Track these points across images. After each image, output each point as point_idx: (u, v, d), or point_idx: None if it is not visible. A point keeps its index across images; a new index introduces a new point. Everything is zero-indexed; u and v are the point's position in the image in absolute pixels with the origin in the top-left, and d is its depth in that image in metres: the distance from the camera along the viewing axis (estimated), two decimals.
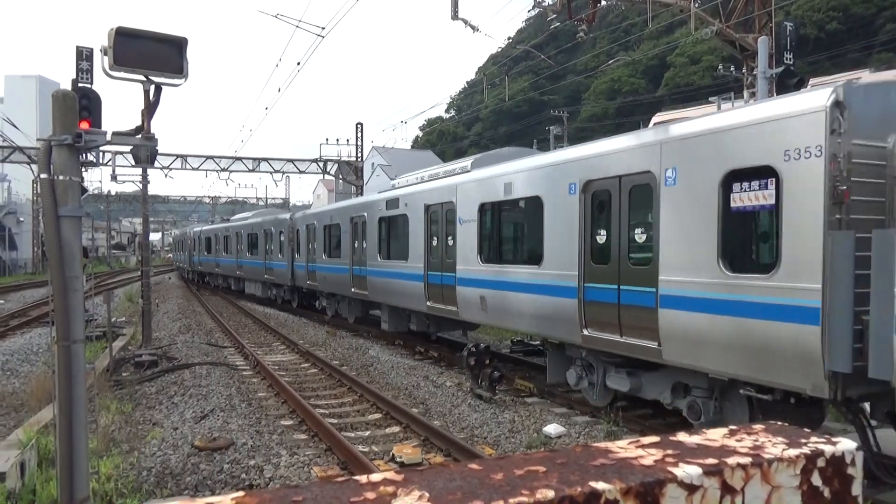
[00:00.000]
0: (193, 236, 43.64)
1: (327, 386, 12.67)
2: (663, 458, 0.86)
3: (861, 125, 5.98)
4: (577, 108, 66.74)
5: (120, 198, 70.64)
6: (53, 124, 4.26)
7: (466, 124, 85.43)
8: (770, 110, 6.50)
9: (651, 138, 7.88)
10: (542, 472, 0.78)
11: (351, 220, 18.32)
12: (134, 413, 10.40)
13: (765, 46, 16.35)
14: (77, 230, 4.19)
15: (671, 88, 57.70)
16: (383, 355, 15.57)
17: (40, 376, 11.92)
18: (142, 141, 4.55)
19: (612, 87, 65.52)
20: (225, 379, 12.91)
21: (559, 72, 57.96)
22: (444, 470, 0.80)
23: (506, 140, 73.81)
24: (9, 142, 34.44)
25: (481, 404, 10.64)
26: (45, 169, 4.17)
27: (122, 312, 24.32)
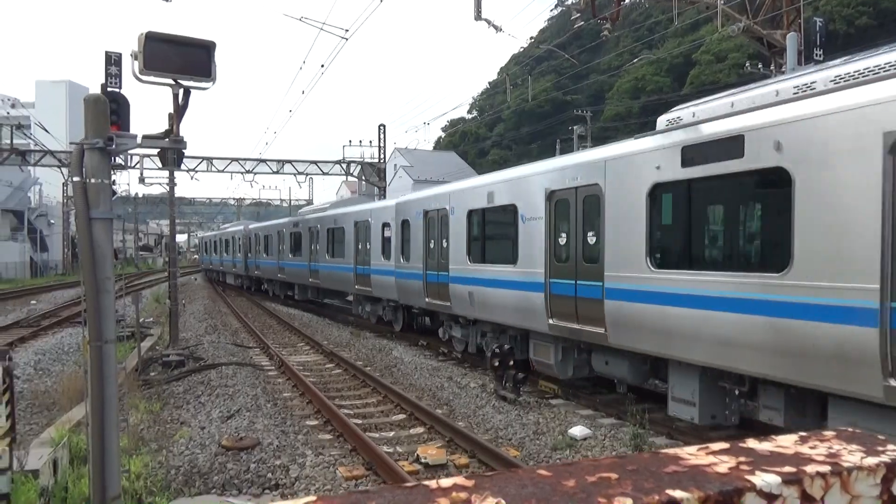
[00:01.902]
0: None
1: (351, 386, 12.73)
2: (738, 466, 0.84)
3: None
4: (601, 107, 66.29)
5: (147, 200, 71.69)
6: (85, 128, 4.33)
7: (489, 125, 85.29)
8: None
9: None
10: (614, 480, 0.76)
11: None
12: (162, 412, 10.55)
13: (793, 43, 16.08)
14: (108, 232, 4.26)
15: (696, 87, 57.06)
16: (407, 356, 15.60)
17: (71, 375, 12.15)
18: (171, 144, 4.61)
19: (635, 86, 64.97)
20: (251, 379, 13.04)
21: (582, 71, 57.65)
22: (513, 476, 0.79)
23: (528, 140, 73.57)
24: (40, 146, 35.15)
25: (505, 406, 10.61)
26: (77, 172, 4.25)
27: (149, 313, 24.70)
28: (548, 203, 10.66)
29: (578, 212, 9.97)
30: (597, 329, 9.41)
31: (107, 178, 4.29)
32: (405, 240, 16.63)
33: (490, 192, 12.51)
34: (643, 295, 8.50)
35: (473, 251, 13.24)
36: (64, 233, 61.91)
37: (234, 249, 41.52)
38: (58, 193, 62.26)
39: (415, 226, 15.83)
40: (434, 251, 14.91)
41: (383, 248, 18.79)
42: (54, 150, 36.04)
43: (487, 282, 12.52)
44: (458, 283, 13.63)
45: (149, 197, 71.92)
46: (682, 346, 7.82)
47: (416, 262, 15.82)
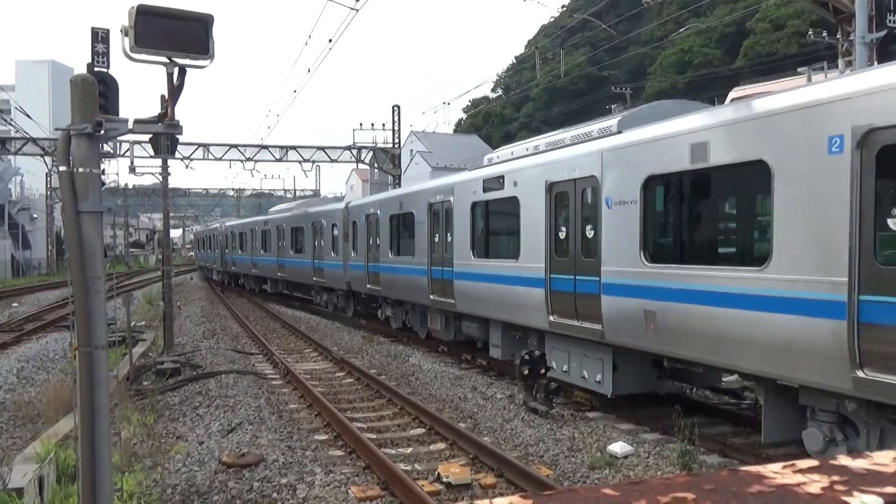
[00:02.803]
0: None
1: (364, 397, 12.80)
2: (831, 486, 0.83)
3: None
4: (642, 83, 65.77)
5: (137, 191, 72.51)
6: (72, 112, 4.39)
7: (515, 105, 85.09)
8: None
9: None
10: (691, 500, 0.75)
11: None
12: (156, 425, 10.70)
13: (863, 7, 15.81)
14: (98, 227, 4.32)
15: (751, 59, 56.37)
16: (426, 363, 15.65)
17: (57, 385, 12.36)
18: (165, 128, 4.67)
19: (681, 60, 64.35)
20: (253, 389, 13.17)
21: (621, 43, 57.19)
22: (574, 496, 0.78)
23: (560, 122, 73.23)
24: (21, 132, 35.68)
25: (536, 419, 10.60)
26: (63, 161, 4.31)
27: (141, 316, 25.03)
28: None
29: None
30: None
31: (96, 167, 4.35)
32: (355, 237, 22.14)
33: (401, 202, 18.47)
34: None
35: (393, 247, 19.17)
36: (48, 228, 62.81)
37: (213, 246, 49.33)
38: (41, 185, 63.12)
39: (360, 226, 21.57)
40: (373, 246, 20.50)
41: (333, 244, 24.20)
42: (36, 138, 36.59)
43: (399, 269, 18.45)
44: (385, 272, 19.44)
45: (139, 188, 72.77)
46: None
47: (361, 257, 21.35)
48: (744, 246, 8.58)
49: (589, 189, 10.53)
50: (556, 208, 11.39)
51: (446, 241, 15.44)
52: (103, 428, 4.31)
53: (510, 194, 12.61)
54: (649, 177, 9.18)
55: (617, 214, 9.73)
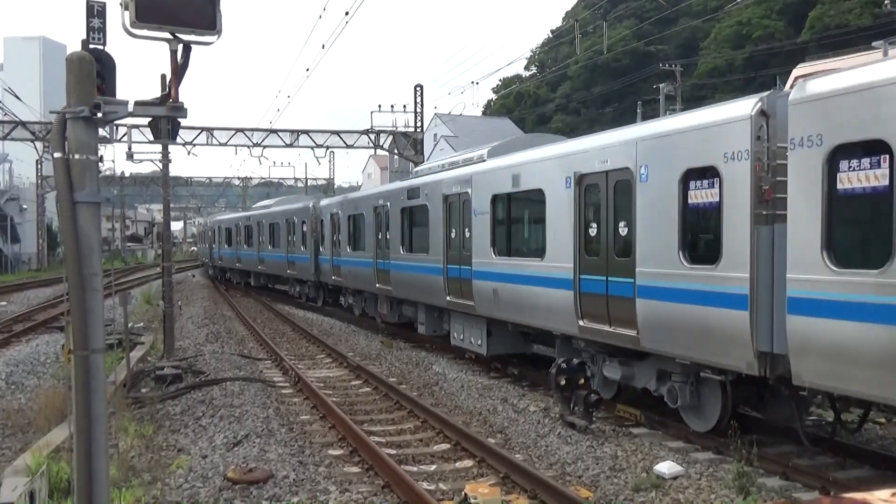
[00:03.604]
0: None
1: (383, 408, 12.86)
2: None
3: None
4: (694, 59, 65.09)
5: (135, 180, 73.37)
6: (68, 93, 4.46)
7: (551, 84, 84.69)
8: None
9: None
10: None
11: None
12: (156, 437, 10.84)
13: None
14: (96, 218, 4.39)
15: (818, 32, 55.52)
16: (451, 372, 15.68)
17: (49, 391, 12.57)
18: (169, 111, 4.71)
19: (738, 33, 63.51)
20: (261, 398, 13.29)
21: (670, 15, 56.65)
22: None
23: (601, 103, 72.83)
24: (10, 115, 36.16)
25: (574, 434, 10.58)
26: (58, 147, 4.38)
27: (139, 317, 25.36)
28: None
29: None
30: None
31: (93, 153, 4.42)
32: (322, 234, 27.56)
33: (356, 204, 24.30)
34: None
35: (350, 243, 24.11)
36: (39, 220, 63.74)
37: (205, 240, 56.25)
38: (31, 173, 64.04)
39: (326, 223, 26.92)
40: (336, 241, 25.63)
41: (303, 240, 29.87)
42: (27, 121, 37.13)
43: (355, 262, 23.47)
44: (346, 265, 24.49)
45: (137, 176, 73.65)
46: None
47: (327, 251, 26.55)
48: (536, 243, 13.32)
49: (466, 201, 15.75)
50: (448, 214, 16.70)
51: (386, 238, 20.50)
52: (100, 439, 4.38)
53: (423, 202, 18.01)
54: (494, 196, 14.54)
55: (480, 220, 15.08)
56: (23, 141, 38.84)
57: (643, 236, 10.24)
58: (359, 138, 40.52)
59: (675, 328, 9.71)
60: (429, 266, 17.40)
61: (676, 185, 9.61)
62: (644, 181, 10.21)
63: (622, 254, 10.76)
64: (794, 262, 7.99)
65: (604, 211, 11.19)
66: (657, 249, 9.97)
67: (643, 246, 10.24)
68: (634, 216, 10.38)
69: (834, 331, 7.56)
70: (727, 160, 8.80)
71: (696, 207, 9.50)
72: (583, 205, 11.71)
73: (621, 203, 10.85)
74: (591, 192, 11.57)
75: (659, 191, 9.94)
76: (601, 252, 11.26)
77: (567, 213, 11.91)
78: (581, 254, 11.71)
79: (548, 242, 12.57)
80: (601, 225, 11.27)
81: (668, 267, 9.77)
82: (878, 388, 7.27)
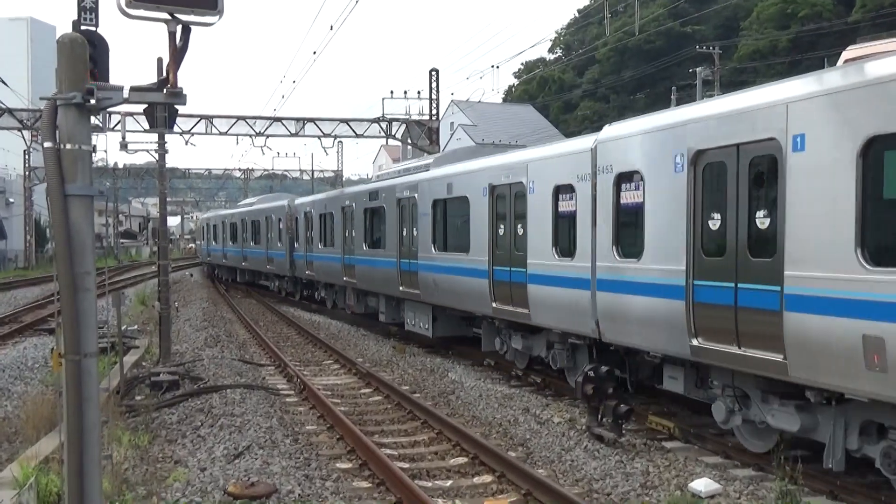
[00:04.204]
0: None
1: (395, 419, 12.89)
2: None
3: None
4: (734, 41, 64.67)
5: (129, 172, 73.79)
6: (59, 78, 4.50)
7: (578, 68, 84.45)
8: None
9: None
10: None
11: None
12: (151, 448, 10.92)
13: None
14: (89, 213, 4.43)
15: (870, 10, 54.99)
16: (468, 380, 15.69)
17: (37, 398, 12.68)
18: (167, 97, 4.75)
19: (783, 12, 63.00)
20: (264, 406, 13.35)
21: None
22: None
23: (633, 88, 72.51)
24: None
25: (602, 448, 10.56)
26: (49, 136, 4.41)
27: (133, 319, 25.54)
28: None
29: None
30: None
31: (86, 143, 4.45)
32: (297, 231, 32.19)
33: (325, 203, 28.44)
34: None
35: (321, 239, 28.50)
36: (26, 215, 64.25)
37: (199, 238, 64.17)
38: (18, 164, 64.50)
39: (300, 221, 31.55)
40: (309, 238, 30.12)
41: (280, 237, 34.10)
42: (13, 108, 37.39)
43: (325, 258, 27.78)
44: (317, 260, 28.83)
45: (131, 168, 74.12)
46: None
47: (302, 247, 31.18)
48: (463, 240, 16.77)
49: (414, 204, 19.49)
50: (401, 214, 20.41)
51: (352, 237, 24.39)
52: (93, 450, 4.42)
53: (381, 204, 21.96)
54: (434, 200, 18.19)
55: (424, 221, 18.77)
56: (9, 130, 39.11)
57: (532, 235, 13.91)
58: (369, 127, 40.55)
59: (554, 306, 13.23)
60: (386, 260, 21.43)
61: (550, 196, 13.31)
62: (532, 192, 13.97)
63: (520, 249, 14.40)
64: (599, 254, 11.91)
65: (508, 215, 15.00)
66: (541, 246, 13.62)
67: (534, 242, 13.88)
68: (526, 220, 14.13)
69: (620, 302, 11.38)
70: (579, 180, 12.47)
71: (560, 213, 13.17)
72: (494, 209, 15.48)
73: (519, 208, 14.52)
74: (500, 200, 15.31)
75: (538, 200, 13.76)
76: (509, 248, 14.86)
77: (484, 215, 15.71)
78: (494, 249, 15.43)
79: (471, 240, 16.38)
80: (507, 226, 14.99)
81: (546, 259, 13.49)
82: (640, 340, 11.10)
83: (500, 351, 16.33)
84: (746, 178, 9.36)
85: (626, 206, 11.48)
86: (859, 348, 7.70)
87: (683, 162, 10.19)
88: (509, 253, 14.82)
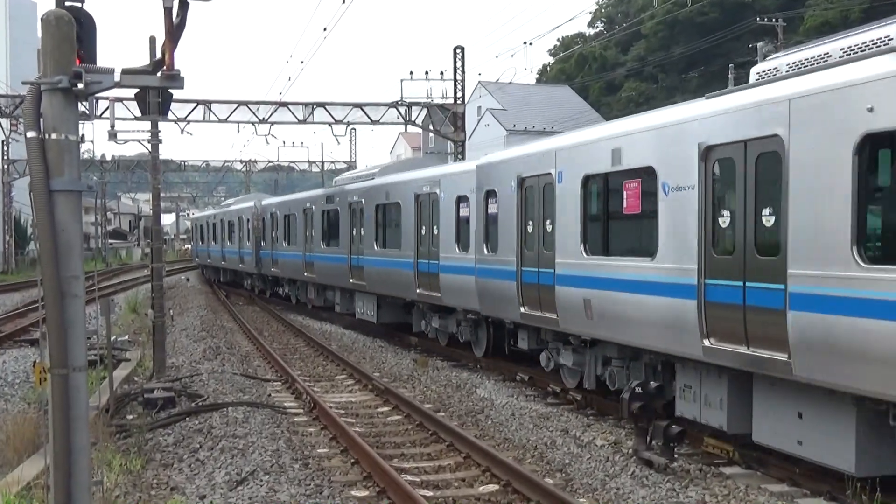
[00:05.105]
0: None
1: (417, 441, 12.89)
2: None
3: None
4: (800, 11, 64.20)
5: (118, 164, 74.26)
6: (43, 60, 4.54)
7: (621, 45, 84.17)
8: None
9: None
10: None
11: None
12: (144, 472, 10.98)
13: None
14: (76, 210, 4.47)
15: None
16: (499, 396, 15.67)
17: (18, 417, 12.81)
18: (163, 81, 4.78)
19: None
20: (270, 427, 13.39)
21: None
22: None
23: (684, 66, 72.06)
24: None
25: (651, 474, 10.50)
26: (33, 125, 4.45)
27: (123, 328, 25.75)
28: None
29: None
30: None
31: (73, 132, 4.49)
32: (264, 230, 38.88)
33: (289, 205, 36.15)
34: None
35: (286, 238, 34.89)
36: (5, 212, 64.90)
37: (193, 238, 71.92)
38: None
39: (267, 222, 38.29)
40: (275, 237, 36.74)
41: (248, 236, 40.97)
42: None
43: (288, 255, 34.23)
44: (282, 258, 35.05)
45: (121, 160, 74.53)
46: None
47: (268, 246, 37.72)
48: (397, 239, 22.92)
49: (361, 208, 25.90)
50: (352, 216, 26.89)
51: (313, 236, 30.76)
52: (82, 474, 4.46)
53: (335, 207, 28.55)
54: (376, 205, 24.42)
55: (369, 222, 25.13)
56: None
57: (443, 235, 20.16)
58: (386, 112, 40.56)
59: (460, 291, 19.04)
60: (340, 257, 27.39)
61: (454, 204, 19.64)
62: (443, 200, 20.17)
63: (434, 245, 20.70)
64: (475, 249, 18.25)
65: (427, 219, 21.28)
66: (447, 244, 19.97)
67: (441, 242, 20.23)
68: (439, 223, 20.43)
69: (485, 285, 17.55)
70: (471, 192, 18.55)
71: (461, 217, 19.41)
72: (418, 215, 21.73)
73: (434, 214, 20.81)
74: (423, 206, 21.51)
75: (446, 206, 20.06)
76: (429, 245, 21.02)
77: (412, 219, 21.98)
78: (418, 246, 21.61)
79: (402, 238, 22.61)
80: (428, 228, 21.18)
81: (450, 252, 19.84)
82: (499, 312, 17.15)
83: (424, 330, 22.63)
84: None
85: (490, 216, 17.62)
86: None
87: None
88: (427, 249, 21.28)
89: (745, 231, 10.36)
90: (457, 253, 19.09)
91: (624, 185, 13.20)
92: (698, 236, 11.04)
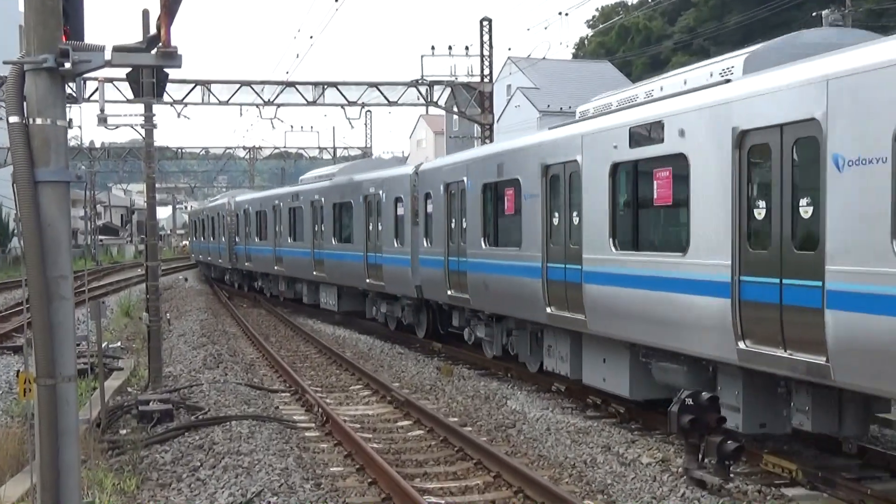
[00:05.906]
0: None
1: (441, 458, 12.89)
2: None
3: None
4: None
5: (109, 152, 74.67)
6: (26, 37, 4.56)
7: (668, 15, 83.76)
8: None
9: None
10: None
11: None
12: (139, 493, 11.05)
13: None
14: (64, 204, 4.49)
15: None
16: (532, 409, 15.63)
17: (0, 432, 12.90)
18: (158, 59, 4.80)
19: None
20: (278, 443, 13.44)
21: None
22: None
23: (740, 38, 71.49)
24: None
25: (705, 496, 10.46)
26: (15, 109, 4.48)
27: (115, 334, 25.90)
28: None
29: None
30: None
31: (60, 117, 4.52)
32: (238, 226, 45.40)
33: (261, 202, 43.34)
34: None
35: (258, 234, 41.62)
36: None
37: (190, 234, 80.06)
38: None
39: (241, 217, 45.10)
40: (248, 233, 43.45)
41: (224, 231, 47.91)
42: None
43: (259, 250, 41.24)
44: (254, 252, 41.94)
45: (111, 147, 74.96)
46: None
47: (242, 241, 44.58)
48: (350, 234, 29.40)
49: (321, 206, 31.90)
50: (314, 213, 32.85)
51: (281, 232, 36.32)
52: (72, 494, 4.49)
53: (300, 204, 34.07)
54: (334, 203, 30.89)
55: (328, 219, 31.19)
56: None
57: (384, 231, 25.36)
58: (405, 92, 40.41)
59: (396, 279, 24.40)
60: (304, 251, 32.96)
61: (392, 204, 24.61)
62: (384, 202, 25.35)
63: (380, 241, 25.52)
64: (414, 243, 23.35)
65: (374, 217, 26.36)
66: (388, 238, 25.02)
67: (384, 237, 25.39)
68: (381, 220, 25.53)
69: (426, 272, 22.70)
70: (405, 194, 23.90)
71: (398, 216, 24.38)
72: (366, 213, 27.00)
73: (376, 213, 26.08)
74: (371, 205, 26.69)
75: (386, 207, 25.18)
76: (375, 240, 26.10)
77: (362, 216, 27.24)
78: (368, 241, 26.73)
79: (354, 233, 28.30)
80: (375, 224, 26.15)
81: (389, 246, 25.00)
82: (433, 295, 22.70)
83: (374, 316, 28.17)
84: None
85: (427, 214, 23.24)
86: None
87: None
88: (375, 244, 26.12)
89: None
90: (395, 247, 24.53)
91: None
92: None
